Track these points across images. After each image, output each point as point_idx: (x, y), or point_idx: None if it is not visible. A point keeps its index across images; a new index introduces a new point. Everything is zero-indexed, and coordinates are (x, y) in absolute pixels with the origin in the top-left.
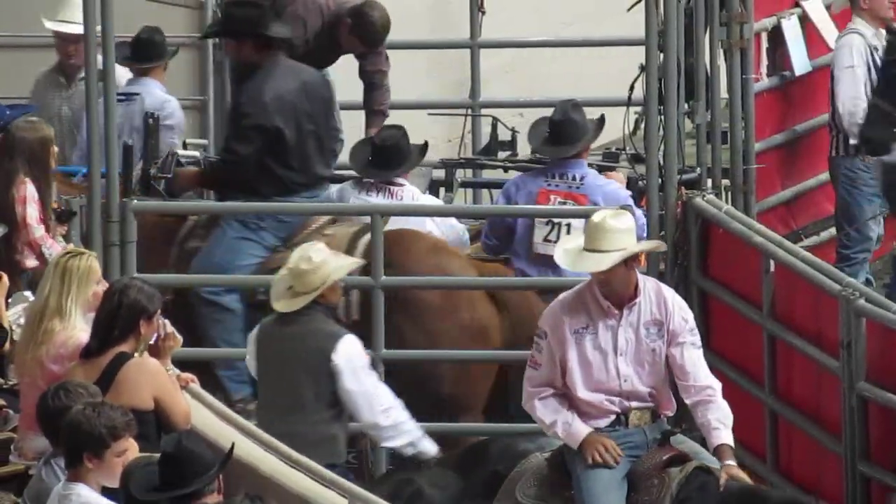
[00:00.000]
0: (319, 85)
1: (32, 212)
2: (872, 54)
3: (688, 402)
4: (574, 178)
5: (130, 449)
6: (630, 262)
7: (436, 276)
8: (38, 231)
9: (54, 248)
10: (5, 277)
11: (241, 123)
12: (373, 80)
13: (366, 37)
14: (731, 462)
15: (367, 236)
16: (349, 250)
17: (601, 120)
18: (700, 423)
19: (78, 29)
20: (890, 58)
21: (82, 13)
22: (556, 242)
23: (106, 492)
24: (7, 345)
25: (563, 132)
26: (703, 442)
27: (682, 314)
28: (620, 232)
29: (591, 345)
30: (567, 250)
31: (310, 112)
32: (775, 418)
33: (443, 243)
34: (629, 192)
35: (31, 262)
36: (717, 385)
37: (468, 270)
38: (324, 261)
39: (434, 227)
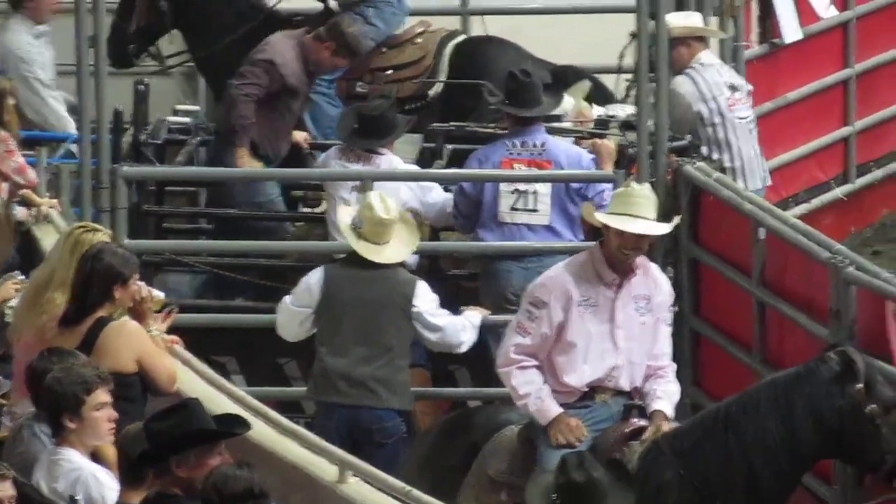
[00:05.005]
0: None
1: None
2: None
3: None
4: (535, 145)
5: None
6: None
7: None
8: (13, 164)
9: (25, 170)
10: None
11: None
12: None
13: (351, 51)
14: (664, 422)
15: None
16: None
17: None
18: (645, 391)
19: None
20: None
21: None
22: (522, 211)
23: None
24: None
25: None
26: None
27: (667, 289)
28: (653, 200)
29: (592, 318)
30: (611, 215)
31: None
32: None
33: None
34: (591, 156)
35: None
36: (674, 367)
37: None
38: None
39: (410, 194)
